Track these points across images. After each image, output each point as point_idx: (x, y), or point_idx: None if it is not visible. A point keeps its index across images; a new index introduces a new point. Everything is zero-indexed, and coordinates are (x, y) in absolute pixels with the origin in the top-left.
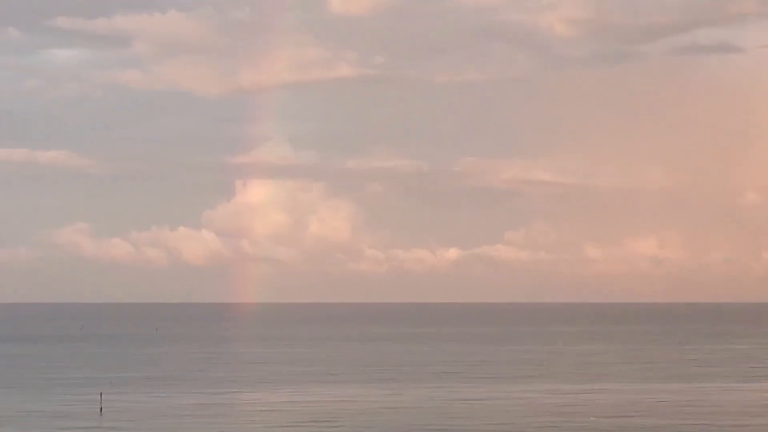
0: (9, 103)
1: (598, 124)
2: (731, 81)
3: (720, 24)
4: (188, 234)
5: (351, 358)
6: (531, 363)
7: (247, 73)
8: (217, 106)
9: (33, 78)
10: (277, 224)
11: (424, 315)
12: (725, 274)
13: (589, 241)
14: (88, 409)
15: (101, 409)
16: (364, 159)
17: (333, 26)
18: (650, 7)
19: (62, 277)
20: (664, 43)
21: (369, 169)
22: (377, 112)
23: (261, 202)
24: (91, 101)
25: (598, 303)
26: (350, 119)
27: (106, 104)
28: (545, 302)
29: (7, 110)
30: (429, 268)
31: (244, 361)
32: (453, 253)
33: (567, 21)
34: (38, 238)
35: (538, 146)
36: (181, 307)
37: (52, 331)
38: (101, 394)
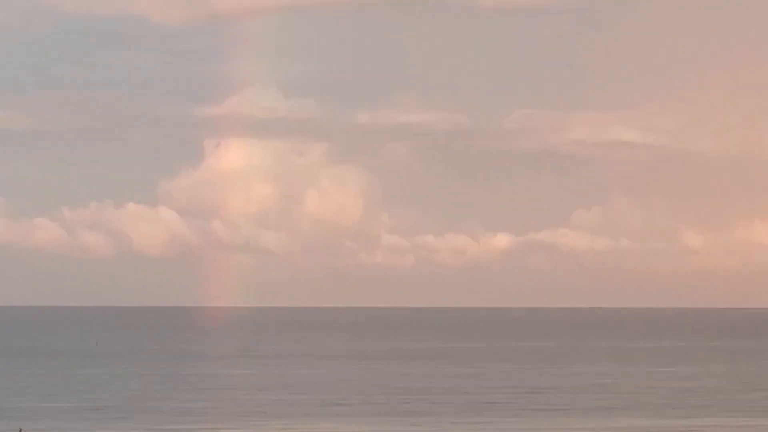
0: None
1: (701, 64)
2: None
3: None
4: (140, 212)
5: (363, 382)
6: (607, 390)
7: None
8: (180, 38)
9: None
10: (262, 200)
11: (462, 324)
12: None
13: (687, 225)
14: None
15: None
16: (381, 111)
17: None
18: None
19: None
20: None
21: (389, 125)
22: (401, 48)
23: (240, 169)
24: (9, 32)
25: (700, 308)
26: (363, 57)
27: (29, 36)
28: (628, 307)
29: None
30: (470, 261)
31: (218, 385)
32: (502, 240)
33: None
34: None
35: (619, 95)
36: (131, 312)
37: None
38: (20, 431)
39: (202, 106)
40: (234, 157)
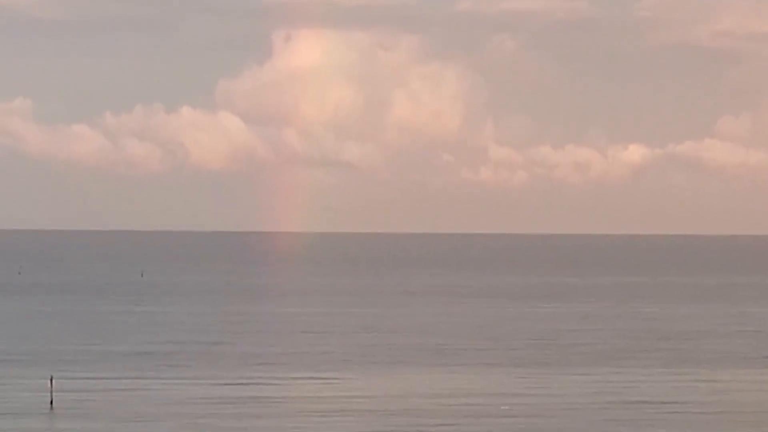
0: None
1: None
2: None
3: None
4: (196, 118)
5: (464, 324)
6: (752, 335)
7: None
8: None
9: None
10: (341, 104)
11: (584, 253)
12: None
13: None
14: (33, 402)
15: (52, 401)
16: None
17: None
18: None
19: None
20: None
21: (494, 13)
22: None
23: (315, 67)
24: None
25: None
26: None
27: None
28: None
29: None
30: (595, 178)
31: (289, 328)
32: (635, 152)
33: None
34: None
35: None
36: (186, 237)
37: None
38: (51, 379)
39: None
40: (308, 53)
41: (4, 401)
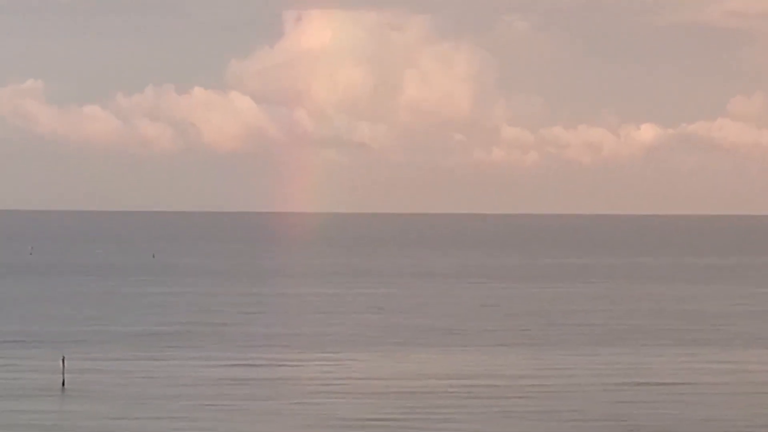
0: None
1: None
2: None
3: None
4: (207, 99)
5: (476, 305)
6: (765, 316)
7: None
8: None
9: None
10: (352, 85)
11: (598, 234)
12: None
13: None
14: (44, 382)
15: (63, 381)
16: None
17: None
18: None
19: (3, 166)
20: None
21: None
22: None
23: (325, 47)
24: None
25: None
26: None
27: None
28: None
29: None
30: (607, 158)
31: (301, 309)
32: (647, 132)
33: None
34: None
35: None
36: (197, 218)
37: None
38: (63, 359)
39: None
40: (318, 33)
41: (16, 381)
